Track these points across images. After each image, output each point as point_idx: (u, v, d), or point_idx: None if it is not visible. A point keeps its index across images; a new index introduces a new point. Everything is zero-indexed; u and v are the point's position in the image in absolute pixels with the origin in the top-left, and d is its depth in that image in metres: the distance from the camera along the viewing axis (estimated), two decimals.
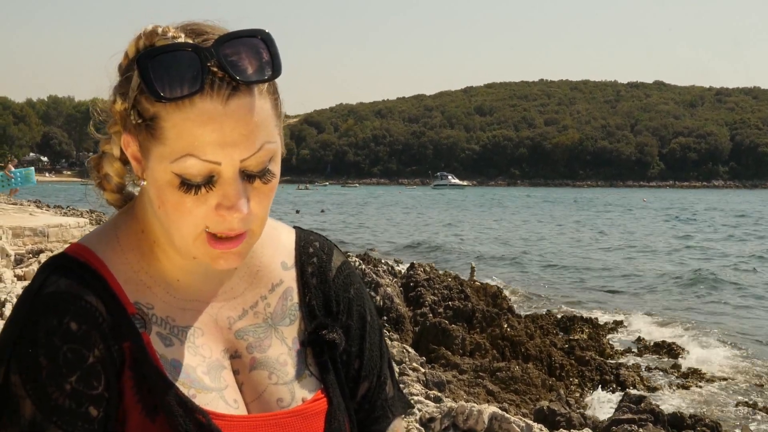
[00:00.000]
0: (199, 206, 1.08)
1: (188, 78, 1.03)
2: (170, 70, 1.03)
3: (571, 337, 12.98)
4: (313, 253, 1.34)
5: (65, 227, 14.71)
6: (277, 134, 1.11)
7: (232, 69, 1.04)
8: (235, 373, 1.21)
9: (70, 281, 1.12)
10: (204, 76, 1.03)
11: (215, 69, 1.04)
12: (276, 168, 1.12)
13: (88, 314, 1.10)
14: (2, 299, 7.22)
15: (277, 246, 1.31)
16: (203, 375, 1.17)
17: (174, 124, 1.05)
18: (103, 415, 1.09)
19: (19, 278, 9.39)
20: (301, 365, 1.25)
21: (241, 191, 1.08)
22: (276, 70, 1.07)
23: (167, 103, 1.04)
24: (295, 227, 1.38)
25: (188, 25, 1.11)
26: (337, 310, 1.32)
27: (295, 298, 1.29)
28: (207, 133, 1.04)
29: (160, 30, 1.08)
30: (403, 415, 1.42)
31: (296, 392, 1.23)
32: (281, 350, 1.25)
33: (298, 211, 56.74)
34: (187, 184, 1.07)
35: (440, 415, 5.15)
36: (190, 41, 1.06)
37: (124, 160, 1.20)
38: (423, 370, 8.15)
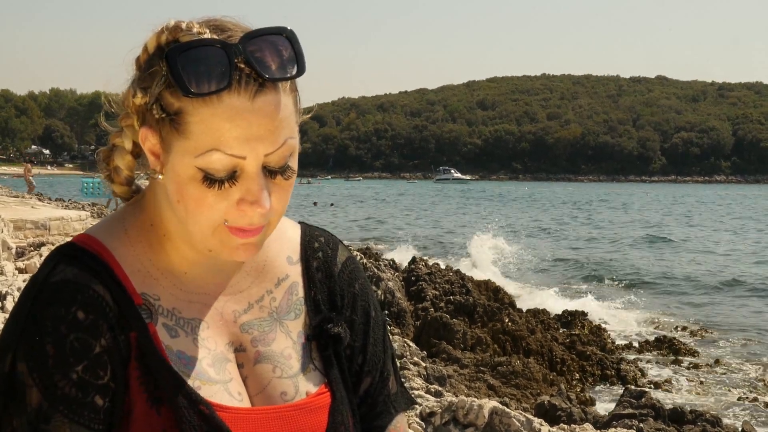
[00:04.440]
0: (220, 201, 1.09)
1: (216, 74, 1.04)
2: (199, 65, 1.04)
3: (572, 332, 12.99)
4: (318, 248, 1.35)
5: (66, 220, 14.70)
6: (297, 130, 1.13)
7: (259, 66, 1.05)
8: (240, 366, 1.21)
9: (78, 270, 1.12)
10: (232, 72, 1.05)
11: (242, 65, 1.05)
12: (295, 164, 1.13)
13: (96, 303, 1.10)
14: (3, 292, 7.22)
15: (282, 241, 1.32)
16: (208, 367, 1.17)
17: (201, 119, 1.06)
18: (109, 405, 1.09)
19: (21, 271, 9.39)
20: (305, 359, 1.26)
21: (264, 186, 1.09)
22: (300, 68, 1.09)
23: (194, 99, 1.05)
24: (300, 222, 1.39)
25: (210, 21, 1.12)
26: (341, 304, 1.33)
27: (301, 293, 1.30)
28: (233, 129, 1.05)
29: (183, 25, 1.08)
30: (406, 411, 1.42)
31: (300, 386, 1.23)
32: (286, 344, 1.25)
33: (315, 203, 57.03)
34: (210, 179, 1.08)
35: (440, 410, 5.15)
36: (216, 37, 1.07)
37: (135, 154, 1.20)
38: (424, 364, 8.16)
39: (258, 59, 1.05)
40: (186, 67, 1.04)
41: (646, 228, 41.76)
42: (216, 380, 1.17)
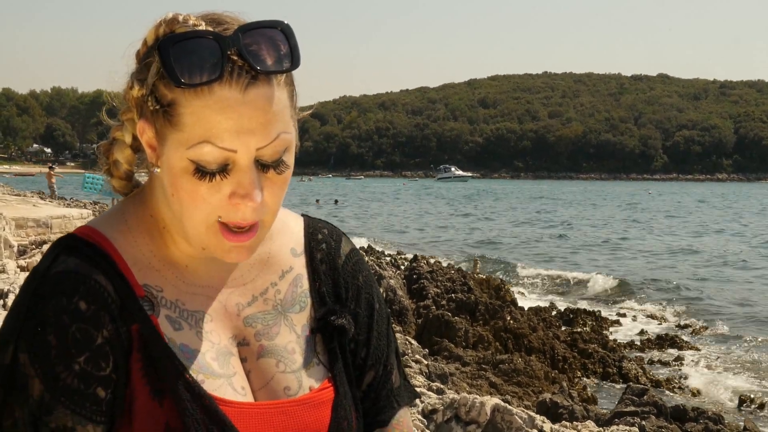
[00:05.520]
0: (213, 194, 1.08)
1: (208, 65, 1.04)
2: (191, 56, 1.04)
3: (573, 330, 12.98)
4: (321, 240, 1.34)
5: (68, 218, 14.74)
6: (292, 125, 1.12)
7: (251, 58, 1.05)
8: (243, 360, 1.21)
9: (80, 261, 1.11)
10: (224, 64, 1.04)
11: (235, 57, 1.05)
12: (290, 159, 1.12)
13: (98, 294, 1.10)
14: (5, 290, 7.23)
15: (286, 233, 1.31)
16: (212, 361, 1.16)
17: (192, 110, 1.05)
18: (111, 397, 1.09)
19: (22, 269, 9.40)
20: (309, 353, 1.25)
21: (256, 180, 1.08)
22: (295, 61, 1.08)
23: (186, 90, 1.05)
24: (303, 215, 1.38)
25: (208, 14, 1.12)
26: (345, 296, 1.32)
27: (305, 285, 1.29)
28: (224, 121, 1.05)
29: (181, 18, 1.08)
30: (410, 406, 1.41)
31: (303, 381, 1.22)
32: (290, 338, 1.25)
33: (317, 201, 57.56)
34: (201, 171, 1.07)
35: (442, 407, 5.15)
36: (211, 30, 1.07)
37: (134, 148, 1.20)
38: (426, 362, 8.16)
39: (251, 52, 1.05)
40: (178, 58, 1.04)
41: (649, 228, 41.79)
42: (219, 374, 1.16)
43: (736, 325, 15.02)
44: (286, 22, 1.09)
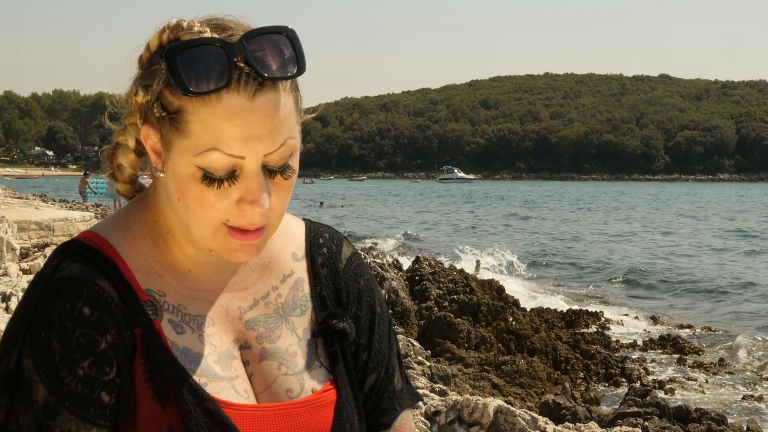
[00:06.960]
0: (220, 200, 1.09)
1: (215, 73, 1.04)
2: (198, 64, 1.04)
3: (576, 331, 12.97)
4: (323, 244, 1.35)
5: (70, 221, 14.72)
6: (298, 130, 1.13)
7: (258, 65, 1.05)
8: (245, 363, 1.21)
9: (83, 266, 1.12)
10: (231, 71, 1.04)
11: (242, 65, 1.05)
12: (295, 163, 1.13)
13: (101, 299, 1.10)
14: (8, 293, 7.23)
15: (287, 237, 1.32)
16: (214, 364, 1.17)
17: (200, 118, 1.06)
18: (115, 401, 1.10)
19: (25, 272, 9.39)
20: (311, 356, 1.26)
21: (263, 186, 1.09)
22: (300, 67, 1.09)
23: (193, 97, 1.05)
24: (304, 219, 1.39)
25: (212, 20, 1.12)
26: (347, 300, 1.32)
27: (306, 289, 1.30)
28: (232, 128, 1.05)
29: (185, 24, 1.09)
30: (412, 408, 1.42)
31: (306, 383, 1.23)
32: (291, 341, 1.25)
33: (322, 203, 57.66)
34: (209, 178, 1.08)
35: (445, 409, 5.14)
36: (216, 36, 1.08)
37: (138, 152, 1.21)
38: (428, 363, 8.16)
39: (258, 58, 1.05)
40: (185, 66, 1.04)
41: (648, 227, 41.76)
42: (222, 377, 1.17)
43: (738, 326, 15.00)
44: (291, 28, 1.10)
